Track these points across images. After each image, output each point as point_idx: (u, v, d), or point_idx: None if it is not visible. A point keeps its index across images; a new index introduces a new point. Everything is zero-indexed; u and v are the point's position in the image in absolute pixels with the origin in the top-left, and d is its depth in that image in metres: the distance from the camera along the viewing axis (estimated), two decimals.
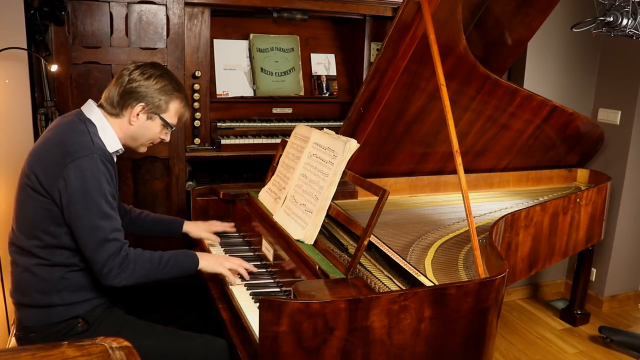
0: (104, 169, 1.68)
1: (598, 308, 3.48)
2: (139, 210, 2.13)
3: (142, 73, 1.78)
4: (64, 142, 1.68)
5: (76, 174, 1.63)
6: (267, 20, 3.02)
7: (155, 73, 1.80)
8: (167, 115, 1.83)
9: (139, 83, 1.77)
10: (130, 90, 1.76)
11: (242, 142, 2.81)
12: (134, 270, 1.70)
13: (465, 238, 2.16)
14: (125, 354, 1.01)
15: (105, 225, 1.66)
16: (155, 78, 1.79)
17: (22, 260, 1.73)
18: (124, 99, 1.77)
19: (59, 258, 1.71)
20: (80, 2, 2.40)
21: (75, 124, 1.75)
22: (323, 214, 1.84)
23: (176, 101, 1.84)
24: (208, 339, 1.79)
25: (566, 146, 3.05)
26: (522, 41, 2.74)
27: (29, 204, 1.69)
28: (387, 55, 2.24)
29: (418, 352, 1.47)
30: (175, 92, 1.83)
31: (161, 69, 1.84)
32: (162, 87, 1.79)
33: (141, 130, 1.83)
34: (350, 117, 2.41)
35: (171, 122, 1.85)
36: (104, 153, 1.72)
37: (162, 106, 1.81)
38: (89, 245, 1.66)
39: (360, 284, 1.60)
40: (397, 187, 2.67)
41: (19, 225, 1.73)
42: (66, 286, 1.73)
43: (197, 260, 1.85)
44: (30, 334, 1.74)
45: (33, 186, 1.67)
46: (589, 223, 2.85)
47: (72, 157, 1.64)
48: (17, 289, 1.76)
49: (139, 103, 1.77)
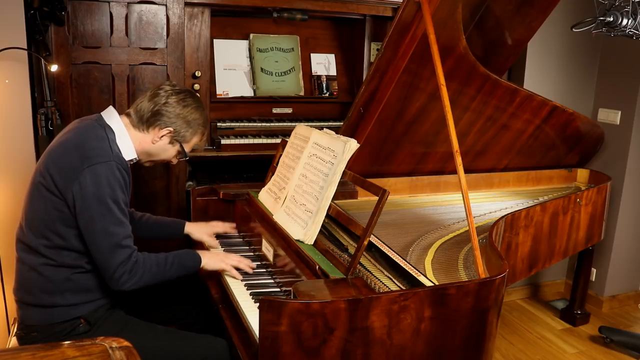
0: (119, 176, 1.70)
1: (598, 308, 3.48)
2: (140, 214, 2.14)
3: (180, 100, 1.82)
4: (83, 146, 1.69)
5: (92, 180, 1.64)
6: (267, 20, 3.02)
7: (192, 104, 1.85)
8: (187, 145, 1.89)
9: (175, 109, 1.81)
10: (163, 112, 1.80)
11: (242, 142, 2.81)
12: (142, 275, 1.72)
13: (465, 238, 2.16)
14: (125, 354, 1.01)
15: (119, 231, 1.68)
16: (190, 109, 1.83)
17: (29, 259, 1.73)
18: (155, 118, 1.80)
19: (65, 259, 1.72)
20: (80, 2, 2.40)
21: (95, 128, 1.76)
22: (323, 214, 1.84)
23: (199, 135, 1.91)
24: (208, 339, 1.80)
25: (566, 146, 3.05)
26: (522, 41, 2.74)
27: (40, 203, 1.70)
28: (387, 55, 2.24)
29: (418, 352, 1.47)
30: (202, 127, 1.90)
31: (197, 101, 1.89)
32: (193, 120, 1.85)
33: (159, 151, 1.86)
34: (350, 117, 2.41)
35: (187, 151, 1.91)
36: (121, 161, 1.74)
37: (187, 137, 1.86)
38: (102, 251, 1.67)
39: (360, 284, 1.60)
40: (397, 187, 2.67)
41: (28, 223, 1.74)
42: (70, 287, 1.73)
43: (199, 258, 1.88)
44: (31, 333, 1.75)
45: (47, 185, 1.68)
46: (589, 223, 2.85)
47: (90, 162, 1.65)
48: (21, 287, 1.76)
49: (167, 127, 1.81)
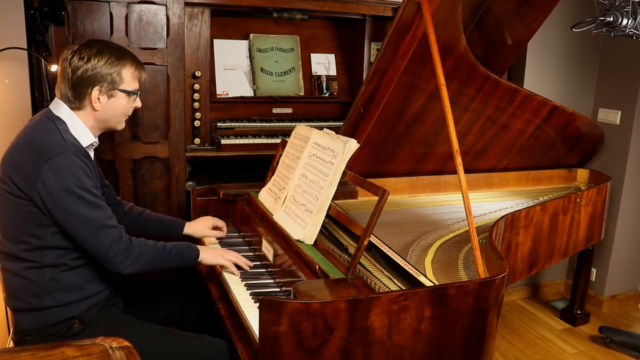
0: (80, 163, 1.65)
1: (598, 308, 3.48)
2: (140, 209, 2.12)
3: (81, 58, 1.69)
4: (34, 142, 1.64)
5: (53, 174, 1.60)
6: (267, 20, 3.02)
7: (93, 51, 1.70)
8: (125, 85, 1.75)
9: (83, 69, 1.68)
10: (78, 80, 1.69)
11: (242, 142, 2.81)
12: (139, 256, 1.70)
13: (465, 238, 2.16)
14: (125, 354, 1.01)
15: (96, 214, 1.65)
16: (95, 56, 1.69)
17: (11, 266, 1.71)
18: (77, 90, 1.70)
19: (48, 259, 1.69)
20: (80, 2, 2.40)
21: (43, 123, 1.70)
22: (323, 214, 1.84)
23: (126, 67, 1.74)
24: (208, 339, 1.79)
25: (566, 146, 3.05)
26: (522, 41, 2.74)
27: (10, 210, 1.67)
28: (387, 55, 2.24)
29: (418, 352, 1.47)
30: (120, 59, 1.73)
31: (96, 44, 1.74)
32: (106, 62, 1.70)
33: (108, 110, 1.75)
34: (350, 117, 2.41)
35: (133, 89, 1.77)
36: (77, 148, 1.68)
37: (116, 80, 1.72)
38: (86, 238, 1.65)
39: (360, 284, 1.60)
40: (397, 187, 2.67)
41: (4, 232, 1.71)
42: (58, 287, 1.71)
43: (197, 251, 1.87)
44: (27, 337, 1.73)
45: (11, 191, 1.64)
46: (589, 223, 2.85)
47: (45, 157, 1.60)
48: (11, 294, 1.75)
49: (93, 88, 1.70)
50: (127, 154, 2.59)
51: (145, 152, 2.63)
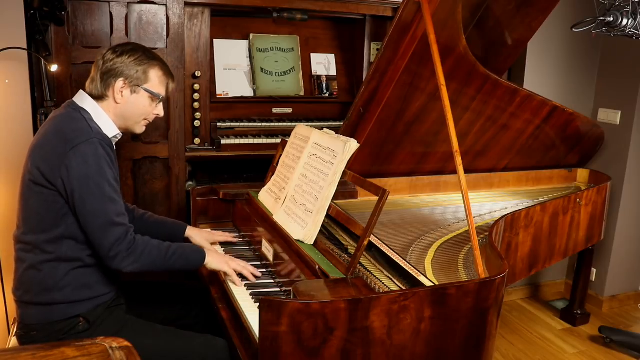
0: (104, 153, 1.70)
1: (598, 308, 3.48)
2: (142, 211, 2.13)
3: (114, 52, 1.80)
4: (62, 131, 1.69)
5: (77, 160, 1.64)
6: (267, 20, 3.02)
7: (127, 48, 1.81)
8: (150, 85, 1.82)
9: (114, 61, 1.78)
10: (107, 70, 1.78)
11: (242, 142, 2.81)
12: (141, 256, 1.71)
13: (465, 238, 2.16)
14: (125, 354, 1.01)
15: (110, 208, 1.68)
16: (127, 53, 1.80)
17: (29, 257, 1.73)
18: (104, 80, 1.78)
19: (65, 250, 1.71)
20: (80, 2, 2.40)
21: (70, 113, 1.76)
22: (323, 214, 1.84)
23: (154, 69, 1.83)
24: (208, 339, 1.79)
25: (566, 146, 3.05)
26: (522, 41, 2.74)
27: (34, 200, 1.70)
28: (387, 55, 2.24)
29: (418, 352, 1.47)
30: (150, 60, 1.82)
31: (133, 44, 1.86)
32: (136, 59, 1.79)
33: (129, 106, 1.82)
34: (350, 117, 2.41)
35: (157, 91, 1.84)
36: (103, 137, 1.73)
37: (141, 77, 1.80)
38: (95, 230, 1.67)
39: (360, 284, 1.60)
40: (397, 187, 2.67)
41: (25, 222, 1.74)
42: (70, 283, 1.73)
43: (204, 255, 1.87)
44: (31, 332, 1.75)
45: (37, 180, 1.68)
46: (589, 223, 2.85)
47: (72, 143, 1.65)
48: (20, 286, 1.76)
49: (119, 79, 1.78)
50: (127, 153, 2.59)
51: (145, 152, 2.64)
